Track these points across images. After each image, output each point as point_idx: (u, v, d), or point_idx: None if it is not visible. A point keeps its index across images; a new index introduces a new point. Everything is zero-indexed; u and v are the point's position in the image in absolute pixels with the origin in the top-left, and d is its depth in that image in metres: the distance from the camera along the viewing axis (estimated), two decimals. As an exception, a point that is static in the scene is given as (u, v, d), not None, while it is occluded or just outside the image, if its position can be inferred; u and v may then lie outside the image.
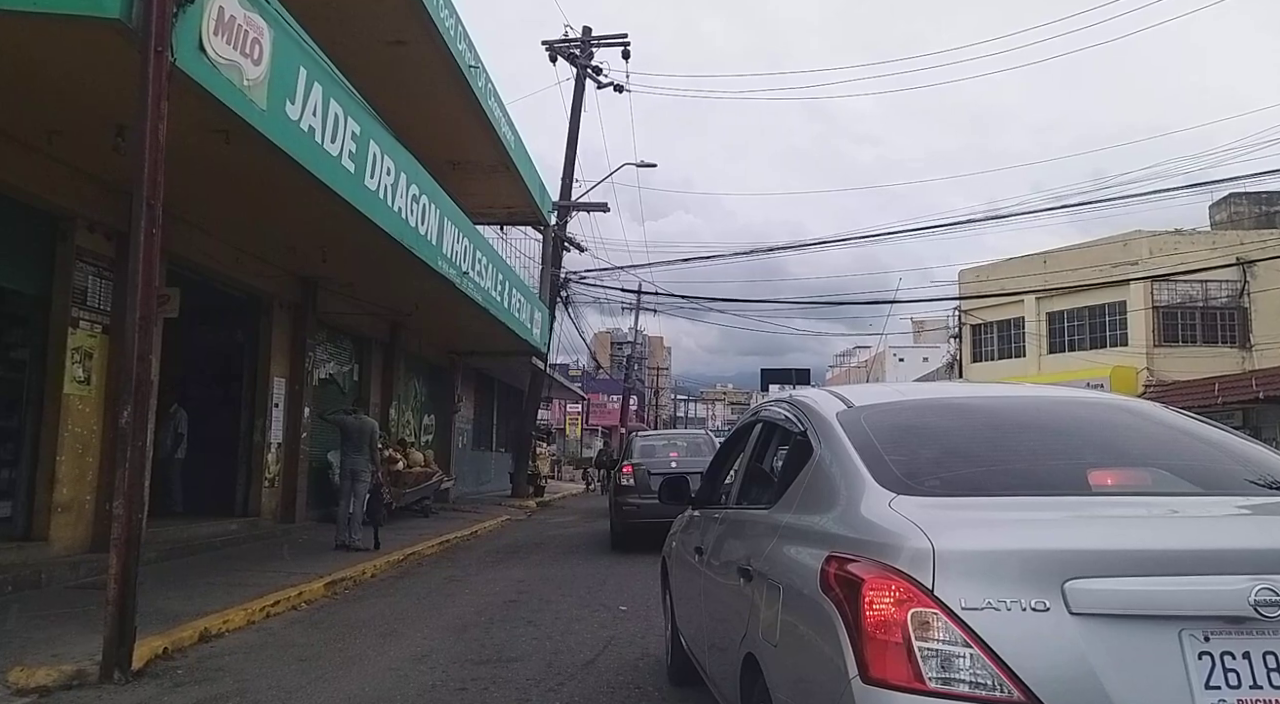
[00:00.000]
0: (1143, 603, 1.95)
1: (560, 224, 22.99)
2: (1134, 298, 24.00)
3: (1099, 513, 2.34)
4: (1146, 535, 2.13)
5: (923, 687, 1.94)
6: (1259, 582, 1.92)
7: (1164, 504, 2.38)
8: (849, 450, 2.64)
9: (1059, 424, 3.02)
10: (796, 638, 2.45)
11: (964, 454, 2.72)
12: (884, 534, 2.17)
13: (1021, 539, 2.09)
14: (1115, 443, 2.89)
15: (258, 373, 12.20)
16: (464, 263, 12.76)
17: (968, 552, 2.03)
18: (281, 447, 12.49)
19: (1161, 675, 1.91)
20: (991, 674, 1.91)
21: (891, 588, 2.03)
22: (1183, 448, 2.83)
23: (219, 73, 6.16)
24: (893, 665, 1.98)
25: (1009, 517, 2.24)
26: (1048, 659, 1.91)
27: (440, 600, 7.84)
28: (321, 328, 14.05)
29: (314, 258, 11.40)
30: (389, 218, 9.63)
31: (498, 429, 27.02)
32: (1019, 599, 1.94)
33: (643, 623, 6.67)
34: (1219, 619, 1.94)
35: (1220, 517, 2.36)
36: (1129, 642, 1.93)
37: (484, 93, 14.39)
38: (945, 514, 2.22)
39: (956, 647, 1.94)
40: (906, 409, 3.15)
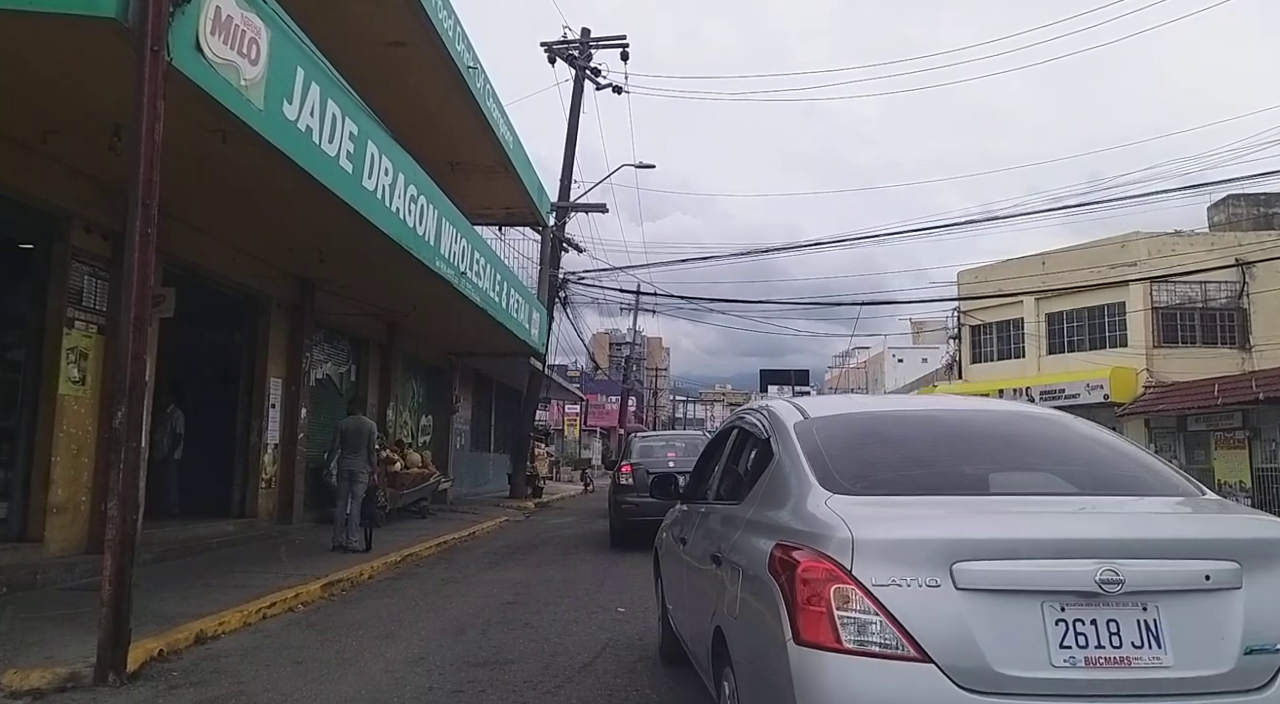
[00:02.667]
0: (1013, 581, 2.46)
1: (559, 225, 22.97)
2: (1133, 299, 23.98)
3: (987, 509, 2.90)
4: (1019, 527, 2.66)
5: (841, 647, 2.43)
6: (1103, 565, 2.44)
7: (1042, 502, 2.98)
8: (800, 456, 3.16)
9: (978, 434, 3.57)
10: (751, 611, 2.95)
11: (891, 460, 3.27)
12: (819, 526, 2.67)
13: (921, 530, 2.63)
14: (1019, 451, 3.42)
15: (255, 373, 12.16)
16: (462, 263, 12.74)
17: (879, 540, 2.54)
18: (278, 447, 12.45)
19: (1026, 638, 2.42)
20: (894, 637, 2.42)
21: (819, 569, 2.53)
22: (1075, 455, 3.40)
23: (216, 73, 6.13)
24: (819, 631, 2.47)
25: (915, 513, 2.79)
26: (937, 625, 2.42)
27: (437, 602, 7.81)
28: (319, 328, 14.02)
29: (311, 258, 11.37)
30: (387, 218, 9.60)
31: (496, 430, 26.97)
32: (917, 578, 2.45)
33: (641, 625, 6.64)
34: (1072, 594, 2.45)
35: (1081, 513, 2.91)
36: (1001, 611, 2.44)
37: (482, 94, 14.37)
38: (867, 511, 2.72)
39: (868, 615, 2.44)
40: (853, 421, 3.71)
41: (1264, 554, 2.58)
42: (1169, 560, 2.53)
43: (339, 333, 15.08)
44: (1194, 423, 21.68)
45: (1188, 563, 2.53)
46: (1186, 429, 22.09)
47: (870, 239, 25.55)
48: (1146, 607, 2.47)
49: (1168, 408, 21.85)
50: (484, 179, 17.77)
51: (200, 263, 10.47)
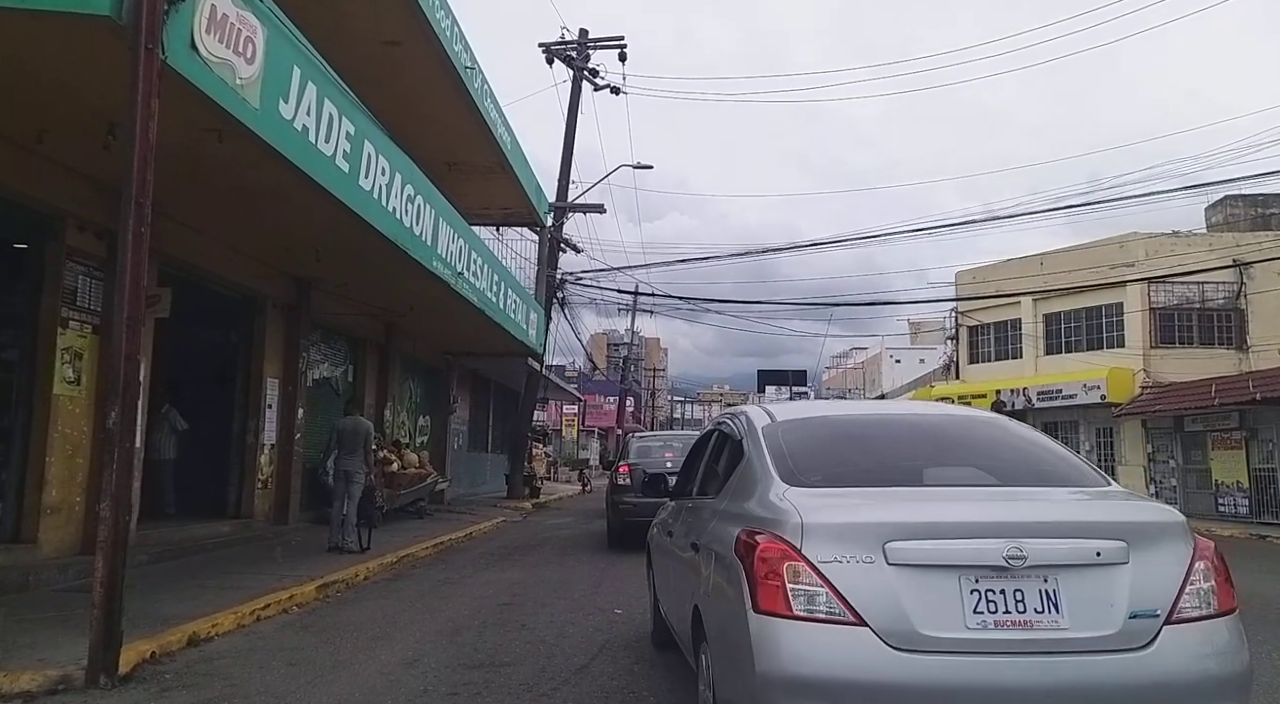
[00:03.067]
0: (934, 557, 2.90)
1: (556, 225, 22.94)
2: (1131, 299, 23.96)
3: (915, 498, 3.34)
4: (939, 512, 3.12)
5: (792, 615, 2.87)
6: (1009, 543, 2.87)
7: (964, 492, 3.45)
8: (766, 455, 3.65)
9: (918, 435, 4.09)
10: (720, 588, 3.41)
11: (842, 457, 3.77)
12: (777, 513, 3.13)
13: (859, 516, 3.08)
14: (951, 449, 3.90)
15: (251, 374, 12.12)
16: (459, 263, 12.71)
17: (824, 524, 3.00)
18: (275, 448, 12.41)
19: (945, 605, 2.85)
20: (835, 605, 2.85)
21: (775, 550, 2.98)
22: (1001, 452, 3.84)
23: (211, 71, 6.10)
24: (775, 601, 2.91)
25: (855, 501, 3.25)
26: (872, 595, 2.85)
27: (433, 603, 7.78)
28: (316, 329, 13.98)
29: (308, 258, 11.33)
30: (383, 218, 9.57)
31: (493, 430, 26.93)
32: (855, 555, 2.90)
33: (638, 627, 6.61)
34: (984, 568, 2.88)
35: (995, 500, 3.35)
36: (925, 583, 2.87)
37: (480, 94, 14.34)
38: (816, 501, 3.18)
39: (814, 587, 2.88)
40: (813, 424, 4.20)
41: (1147, 535, 3.03)
42: (1066, 540, 2.98)
43: (336, 333, 15.05)
44: (1191, 423, 21.67)
45: (1082, 542, 2.97)
46: (1184, 429, 22.08)
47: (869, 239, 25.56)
48: (1047, 579, 2.90)
49: (1165, 408, 21.83)
50: (482, 179, 17.74)
51: (196, 263, 10.43)
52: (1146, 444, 23.42)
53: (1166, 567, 2.98)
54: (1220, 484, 20.52)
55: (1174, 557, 3.01)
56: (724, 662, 3.30)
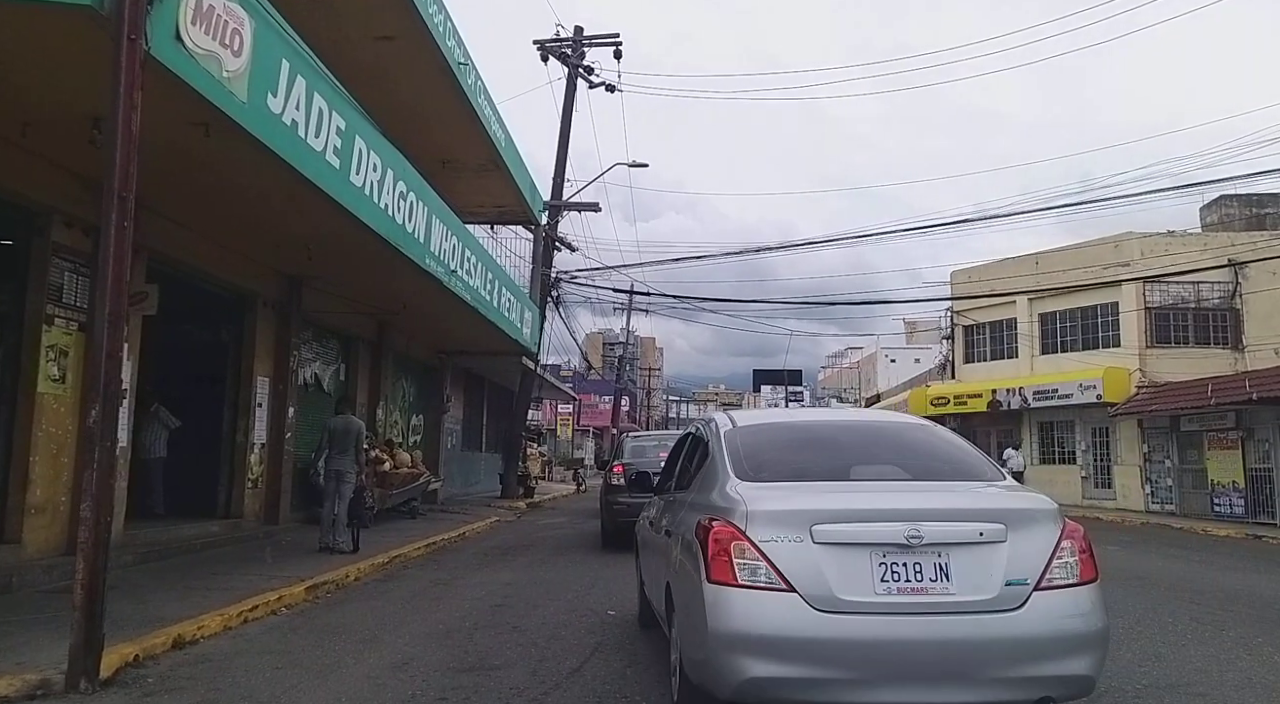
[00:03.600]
0: (851, 537, 3.58)
1: (551, 223, 22.83)
2: (1126, 299, 23.90)
3: (838, 490, 4.06)
4: (855, 502, 3.87)
5: (737, 583, 3.56)
6: (910, 526, 3.55)
7: (879, 486, 4.17)
8: (724, 455, 4.38)
9: (851, 438, 4.83)
10: (684, 565, 4.12)
11: (784, 457, 4.45)
12: (729, 502, 3.85)
13: (792, 504, 3.79)
14: (878, 450, 4.63)
15: (241, 372, 12.00)
16: (452, 261, 12.59)
17: (765, 511, 3.69)
18: (265, 447, 12.29)
19: (859, 575, 3.53)
20: (772, 576, 3.54)
21: (725, 532, 3.67)
22: (918, 453, 4.54)
23: (197, 63, 5.99)
24: (723, 573, 3.60)
25: (791, 493, 3.96)
26: (800, 567, 3.53)
27: (424, 605, 7.68)
28: (308, 327, 13.86)
29: (299, 255, 11.21)
30: (375, 215, 9.46)
31: (487, 430, 26.81)
32: (788, 536, 3.58)
33: (631, 629, 6.52)
34: (890, 545, 3.55)
35: (901, 491, 4.08)
36: (843, 558, 3.55)
37: (474, 90, 14.23)
38: (760, 492, 3.90)
39: (756, 562, 3.57)
40: (765, 429, 5.04)
41: (1023, 519, 3.72)
42: (956, 523, 3.66)
43: (328, 331, 14.92)
44: (1187, 423, 21.64)
45: (968, 525, 3.65)
46: (1179, 429, 22.05)
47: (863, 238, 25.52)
48: (940, 554, 3.57)
49: (1161, 408, 21.79)
50: (475, 177, 17.63)
51: (185, 260, 10.31)
52: (1142, 444, 23.39)
53: (1037, 544, 3.65)
54: (1216, 484, 20.49)
55: (1044, 536, 3.68)
56: (686, 625, 4.04)
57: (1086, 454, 25.38)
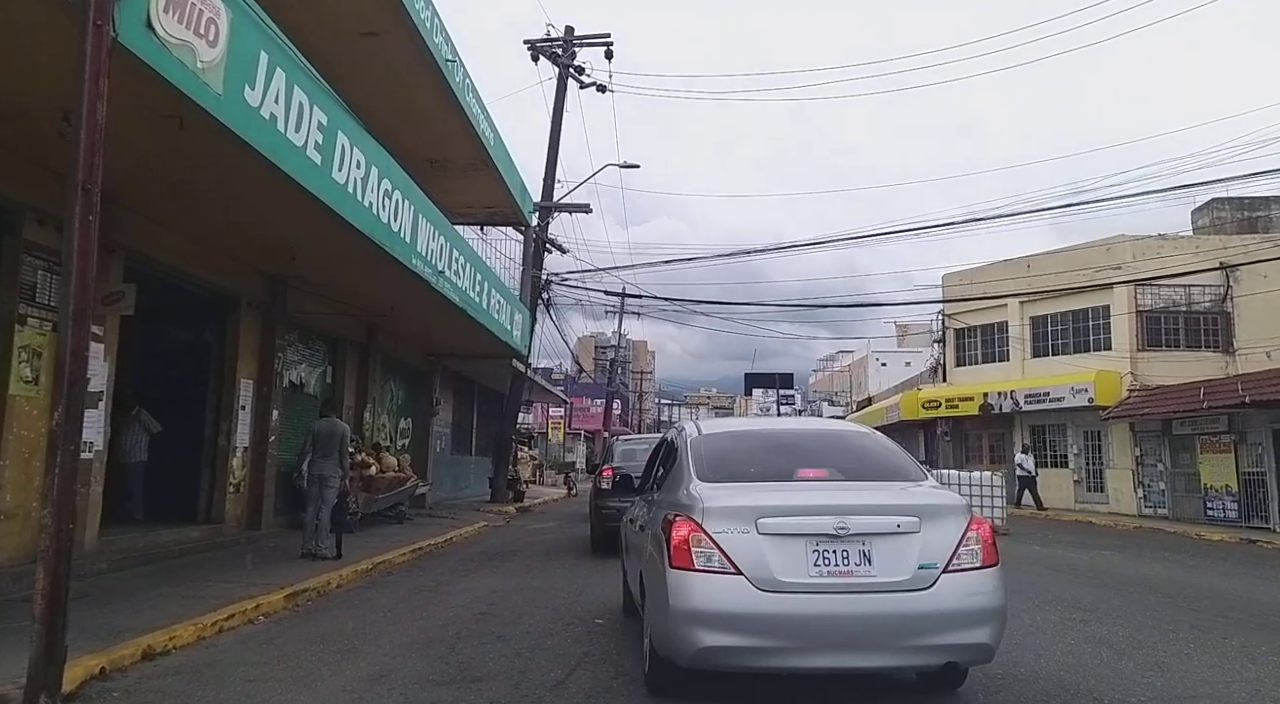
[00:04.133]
0: (789, 529, 4.19)
1: (542, 225, 22.64)
2: (1118, 302, 23.84)
3: (780, 489, 4.68)
4: (793, 499, 4.48)
5: (694, 568, 4.18)
6: (838, 519, 4.18)
7: (816, 485, 4.79)
8: (689, 459, 5.05)
9: (799, 444, 5.48)
10: (653, 555, 4.71)
11: (740, 461, 5.06)
12: (690, 500, 4.47)
13: (742, 501, 4.39)
14: (822, 455, 5.23)
15: (224, 374, 11.75)
16: (440, 261, 12.39)
17: (718, 507, 4.32)
18: (248, 450, 12.04)
19: (796, 561, 4.14)
20: (723, 561, 4.15)
21: (685, 525, 4.29)
22: (856, 457, 5.20)
23: (169, 53, 5.78)
24: (683, 560, 4.21)
25: (741, 492, 4.56)
26: (747, 554, 4.14)
27: (406, 613, 7.46)
28: (293, 329, 13.62)
29: (282, 255, 10.99)
30: (359, 213, 9.26)
31: (477, 433, 26.55)
32: (737, 528, 4.19)
33: (619, 638, 6.33)
34: (822, 536, 4.17)
35: (832, 490, 4.71)
36: (783, 546, 4.16)
37: (462, 88, 14.03)
38: (716, 491, 4.53)
39: (710, 550, 4.18)
40: (727, 436, 5.61)
41: (935, 513, 4.35)
42: (877, 517, 4.27)
43: (315, 333, 14.68)
44: (1179, 426, 21.57)
45: (888, 518, 4.27)
46: (1172, 433, 21.97)
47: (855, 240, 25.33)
48: (864, 543, 4.20)
49: (1153, 411, 21.71)
50: (464, 177, 17.43)
51: (164, 259, 10.08)
52: (1134, 447, 23.31)
53: (947, 535, 4.27)
54: (1209, 488, 20.41)
55: (953, 528, 4.30)
56: (653, 606, 4.66)
57: (1078, 458, 25.30)
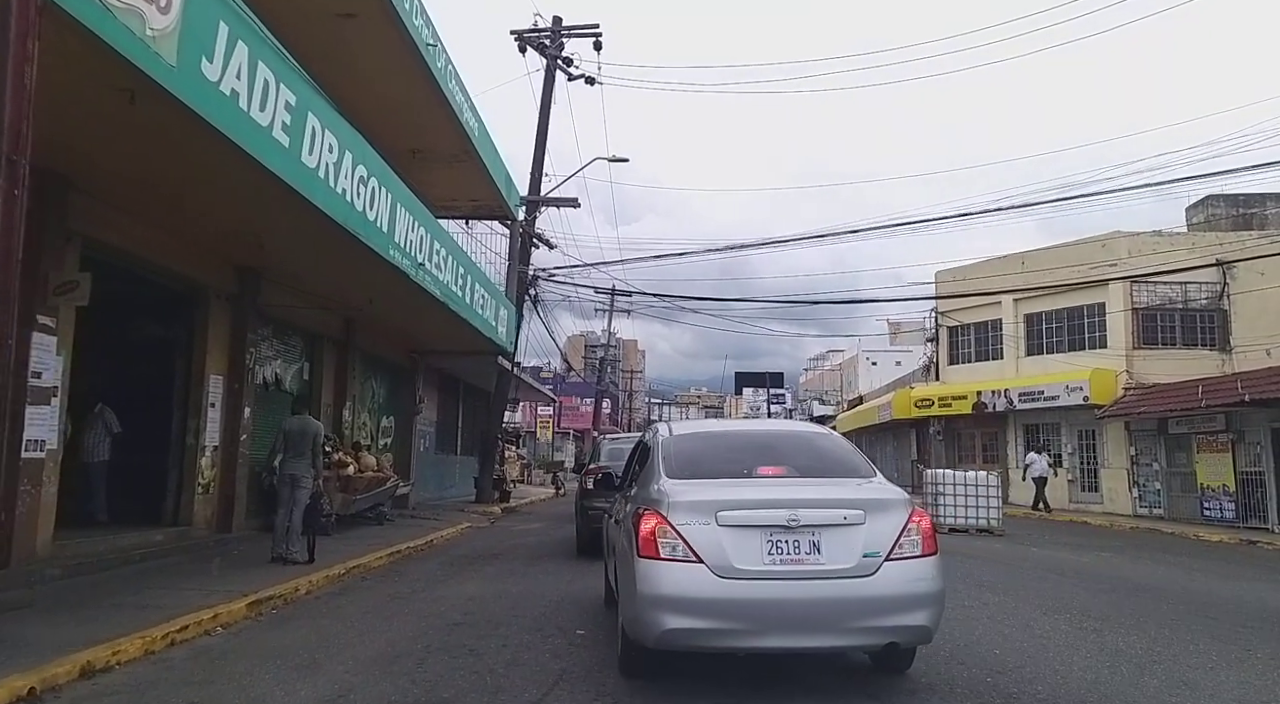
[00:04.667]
0: (746, 521, 4.55)
1: (529, 219, 22.16)
2: (1114, 299, 23.53)
3: (742, 486, 5.02)
4: (752, 493, 4.87)
5: (659, 557, 4.53)
6: (790, 512, 4.54)
7: (772, 482, 5.15)
8: (660, 458, 5.41)
9: (760, 443, 5.92)
10: (624, 546, 5.13)
11: (705, 460, 5.40)
12: (659, 495, 4.85)
13: (703, 496, 4.73)
14: (780, 453, 5.59)
15: (192, 370, 11.24)
16: (420, 253, 11.92)
17: (683, 502, 4.68)
18: (218, 449, 11.54)
19: (752, 550, 4.49)
20: (687, 551, 4.50)
21: (653, 518, 4.65)
22: (811, 455, 5.56)
23: (113, 18, 5.30)
24: (650, 549, 4.57)
25: (704, 487, 4.90)
26: (708, 544, 4.49)
27: (376, 623, 6.99)
28: (268, 323, 13.13)
29: (251, 244, 10.50)
30: (331, 200, 8.79)
31: (463, 432, 26.05)
32: (700, 520, 4.55)
33: (602, 652, 5.89)
34: (776, 527, 4.53)
35: (786, 486, 5.08)
36: (740, 536, 4.51)
37: (444, 74, 13.55)
38: (682, 487, 4.91)
39: (675, 540, 4.54)
40: (696, 437, 6.00)
41: (879, 506, 4.68)
42: (826, 509, 4.60)
43: (291, 328, 14.17)
44: (1175, 425, 21.28)
45: (835, 511, 4.60)
46: (1168, 432, 21.68)
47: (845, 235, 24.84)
48: (814, 533, 4.51)
49: (1149, 410, 21.41)
50: (448, 168, 16.94)
51: (127, 248, 9.57)
52: (1130, 447, 23.00)
53: (889, 526, 4.61)
54: (1206, 488, 20.11)
55: (895, 520, 4.65)
56: (624, 593, 5.02)
57: (1073, 457, 25.00)
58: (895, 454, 34.76)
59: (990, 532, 16.56)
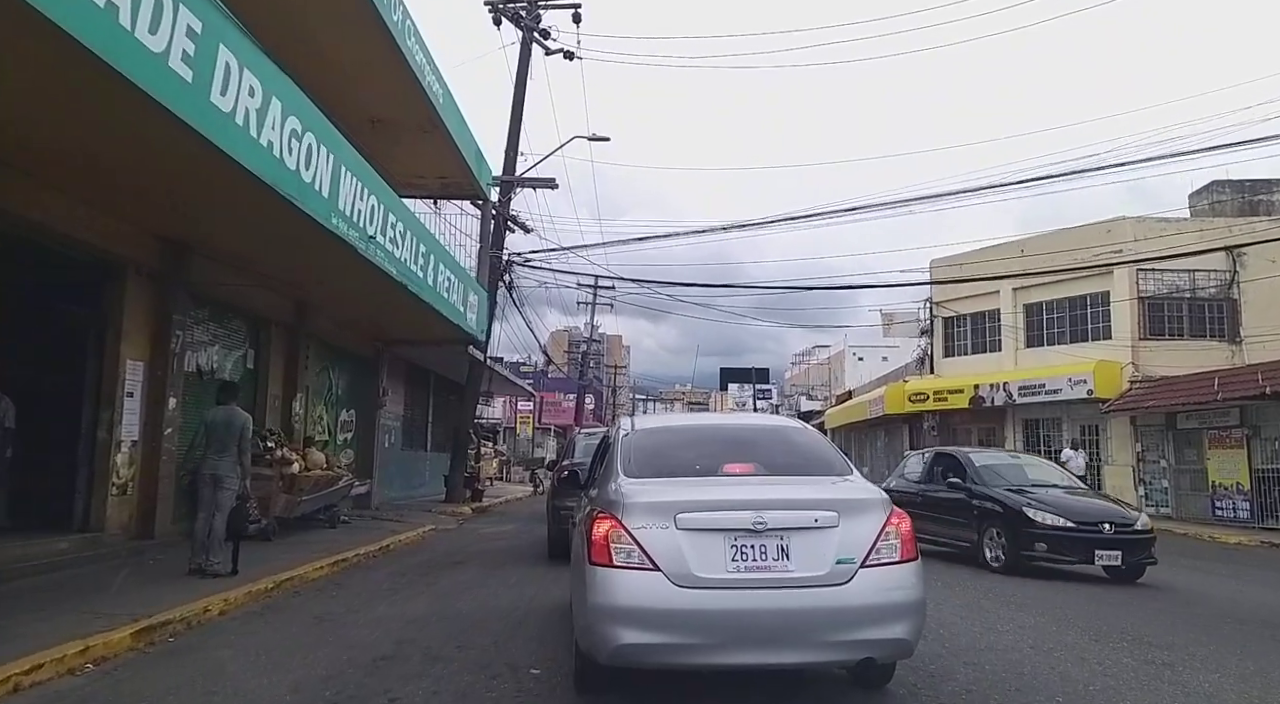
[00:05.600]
0: (707, 524, 4.21)
1: (503, 200, 20.83)
2: (1118, 288, 22.41)
3: (703, 485, 4.72)
4: (714, 494, 4.54)
5: (612, 564, 4.20)
6: (756, 514, 4.21)
7: (736, 480, 4.88)
8: (618, 456, 5.10)
9: (730, 439, 5.66)
10: (579, 551, 4.81)
11: (666, 457, 5.10)
12: (614, 496, 4.52)
13: (661, 497, 4.40)
14: (749, 449, 5.37)
15: (105, 355, 9.87)
16: (371, 225, 10.62)
17: (639, 503, 4.35)
18: (137, 445, 10.17)
19: (714, 556, 4.16)
20: (642, 557, 4.17)
21: (606, 521, 4.33)
22: (784, 451, 5.32)
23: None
24: (602, 556, 4.24)
25: (662, 488, 4.57)
26: (665, 549, 4.16)
27: (285, 657, 5.68)
28: (203, 304, 11.78)
29: (165, 207, 9.14)
30: (253, 153, 7.51)
31: (434, 427, 24.67)
32: (657, 523, 4.22)
33: (559, 700, 4.64)
34: (740, 530, 4.19)
35: (752, 485, 4.82)
36: (701, 541, 4.18)
37: (402, 30, 12.22)
38: (638, 487, 4.58)
39: (630, 546, 4.20)
40: (658, 432, 5.66)
41: (854, 507, 4.37)
42: (795, 511, 4.29)
43: (232, 310, 12.80)
44: (1185, 420, 20.21)
45: (806, 513, 4.29)
46: (1176, 427, 20.61)
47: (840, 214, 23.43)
48: (782, 537, 4.21)
49: (1158, 404, 20.32)
50: (412, 140, 15.61)
51: (20, 212, 8.23)
52: (1136, 443, 21.91)
53: (865, 529, 4.28)
54: (1218, 486, 19.06)
55: (872, 522, 4.31)
56: (576, 603, 4.67)
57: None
58: (886, 450, 33.63)
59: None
